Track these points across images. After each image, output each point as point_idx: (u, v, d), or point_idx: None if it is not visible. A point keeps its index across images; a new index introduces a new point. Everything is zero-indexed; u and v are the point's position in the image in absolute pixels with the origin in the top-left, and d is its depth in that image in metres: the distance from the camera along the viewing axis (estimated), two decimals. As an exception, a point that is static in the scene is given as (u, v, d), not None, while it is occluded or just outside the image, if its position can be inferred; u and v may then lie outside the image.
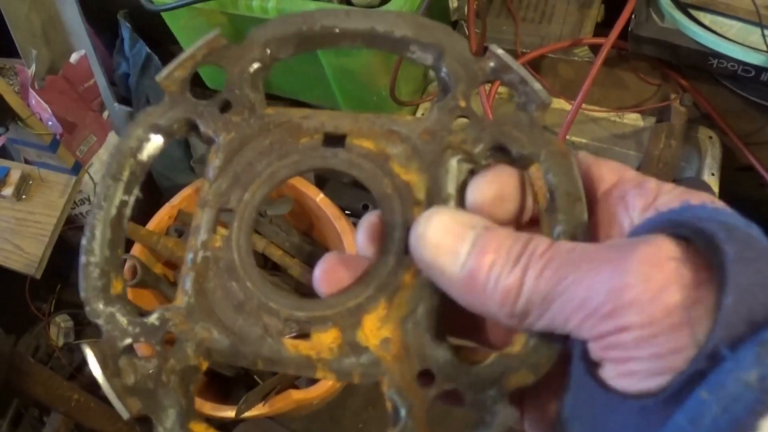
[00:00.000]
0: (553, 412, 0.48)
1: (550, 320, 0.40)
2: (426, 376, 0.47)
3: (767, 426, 0.31)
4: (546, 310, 0.40)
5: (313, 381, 1.60)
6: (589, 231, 0.47)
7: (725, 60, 1.53)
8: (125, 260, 1.67)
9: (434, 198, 0.50)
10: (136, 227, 1.72)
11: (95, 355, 0.48)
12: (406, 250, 0.49)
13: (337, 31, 0.53)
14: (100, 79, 2.05)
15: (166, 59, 1.94)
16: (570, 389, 0.43)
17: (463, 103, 0.52)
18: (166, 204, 1.80)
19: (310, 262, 1.79)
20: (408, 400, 0.47)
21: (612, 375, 0.38)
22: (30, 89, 1.84)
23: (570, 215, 0.47)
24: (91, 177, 1.95)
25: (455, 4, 1.63)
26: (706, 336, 0.35)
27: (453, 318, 0.49)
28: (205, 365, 0.51)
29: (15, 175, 1.84)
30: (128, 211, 0.53)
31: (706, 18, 1.57)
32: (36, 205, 1.84)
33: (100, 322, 0.50)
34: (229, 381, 1.80)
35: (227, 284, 0.51)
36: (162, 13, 1.66)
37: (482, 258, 0.42)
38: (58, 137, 1.81)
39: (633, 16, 1.61)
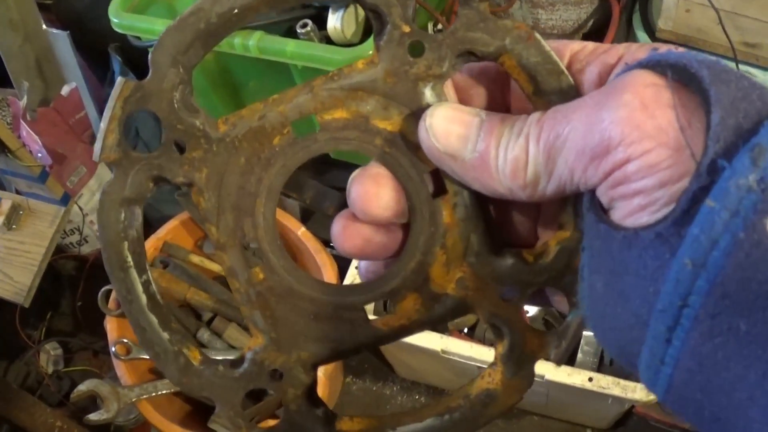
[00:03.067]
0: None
1: (558, 179, 0.42)
2: (508, 289, 0.50)
3: None
4: (552, 169, 0.42)
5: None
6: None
7: (701, 97, 1.55)
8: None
9: None
10: (121, 258, 1.73)
11: (224, 425, 0.51)
12: (432, 195, 0.50)
13: (236, 11, 0.49)
14: (91, 111, 2.08)
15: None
16: (585, 247, 0.44)
17: (407, 28, 0.49)
18: (152, 236, 1.83)
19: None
20: (504, 318, 0.51)
21: (623, 214, 0.39)
22: (21, 121, 1.87)
23: (559, 88, 0.47)
24: (80, 208, 1.97)
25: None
26: (702, 150, 0.36)
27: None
28: (317, 374, 0.53)
29: (5, 205, 1.86)
30: (153, 288, 0.52)
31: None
32: (26, 234, 1.87)
33: (206, 394, 0.51)
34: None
35: (294, 304, 0.51)
36: (149, 50, 1.68)
37: (490, 137, 0.45)
38: (47, 169, 1.84)
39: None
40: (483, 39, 0.48)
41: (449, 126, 0.46)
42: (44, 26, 2.06)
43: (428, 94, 0.49)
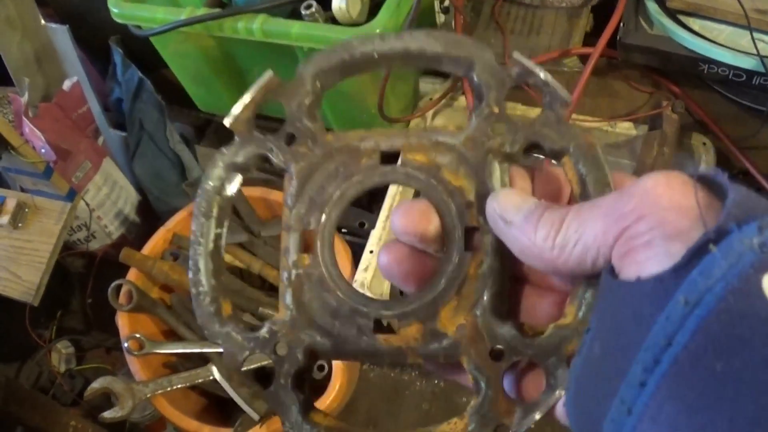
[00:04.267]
0: None
1: (583, 244, 0.48)
2: (497, 352, 0.56)
3: None
4: (581, 235, 0.48)
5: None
6: None
7: (716, 65, 1.52)
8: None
9: (483, 198, 0.57)
10: (130, 252, 1.72)
11: (220, 370, 0.59)
12: (466, 247, 0.58)
13: (376, 56, 0.60)
14: (93, 105, 2.05)
15: (158, 83, 1.94)
16: (591, 326, 0.49)
17: (496, 109, 0.59)
18: (161, 228, 1.80)
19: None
20: (485, 374, 0.57)
21: (631, 269, 0.44)
22: (23, 117, 1.84)
23: (602, 196, 0.53)
24: (86, 203, 1.95)
25: (442, 19, 1.63)
26: (714, 222, 0.40)
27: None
28: (313, 364, 0.61)
29: (11, 204, 1.84)
30: (223, 242, 0.61)
31: (695, 24, 1.56)
32: (32, 232, 1.84)
33: (219, 341, 0.59)
34: (228, 403, 1.79)
35: (321, 295, 0.59)
36: (151, 39, 1.66)
37: (537, 210, 0.52)
38: (51, 165, 1.81)
39: (621, 25, 1.61)
40: (552, 137, 0.57)
41: (511, 197, 0.55)
42: (43, 21, 2.03)
43: (494, 166, 0.58)
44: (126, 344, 1.65)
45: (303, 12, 1.47)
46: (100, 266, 2.08)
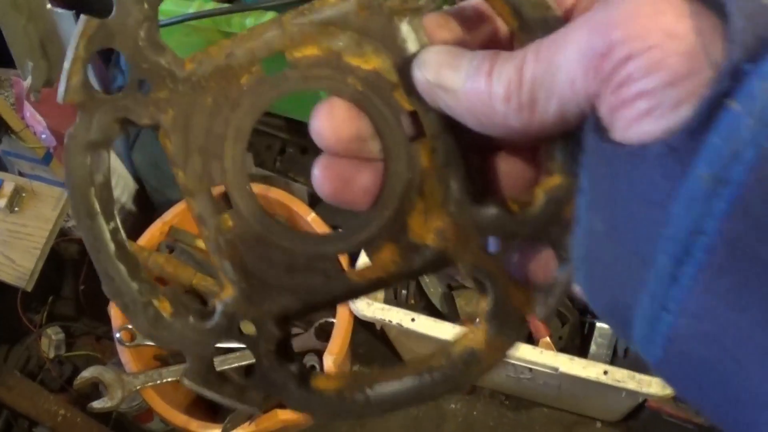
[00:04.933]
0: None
1: (559, 96, 0.37)
2: (491, 241, 0.47)
3: None
4: (552, 85, 0.37)
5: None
6: None
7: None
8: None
9: (406, 70, 0.46)
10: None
11: (193, 380, 0.49)
12: (410, 138, 0.47)
13: None
14: (94, 92, 2.05)
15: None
16: (583, 187, 0.39)
17: None
18: (158, 220, 1.80)
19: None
20: (487, 271, 0.48)
21: (626, 124, 0.34)
22: (25, 101, 1.84)
23: (545, 23, 0.44)
24: (84, 190, 1.95)
25: None
26: (722, 57, 0.32)
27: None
28: (291, 328, 0.51)
29: (8, 188, 1.83)
30: (123, 234, 0.49)
31: None
32: (28, 217, 1.84)
33: (176, 347, 0.50)
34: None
35: (265, 253, 0.49)
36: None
37: (483, 64, 0.41)
38: (51, 150, 1.81)
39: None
40: None
41: (442, 58, 0.43)
42: (48, 5, 2.03)
43: (404, 29, 0.47)
44: (118, 335, 1.65)
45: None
46: (95, 254, 2.08)
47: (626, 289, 0.36)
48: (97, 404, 1.59)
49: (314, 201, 1.89)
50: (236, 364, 1.66)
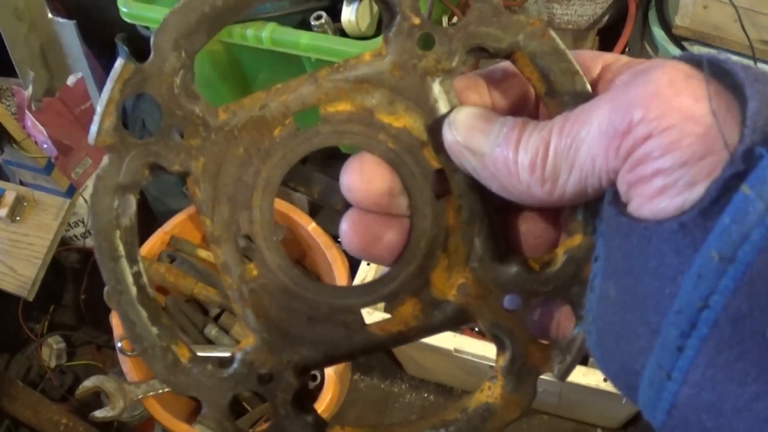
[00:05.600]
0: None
1: (579, 170, 0.39)
2: (512, 298, 0.48)
3: None
4: (574, 160, 0.39)
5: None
6: None
7: (719, 95, 1.53)
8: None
9: (437, 131, 0.47)
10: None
11: (210, 426, 0.50)
12: (437, 195, 0.48)
13: None
14: (97, 102, 2.05)
15: (162, 83, 1.94)
16: (599, 254, 0.41)
17: (417, 20, 0.47)
18: (159, 230, 1.81)
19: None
20: (506, 327, 0.48)
21: (642, 201, 0.36)
22: (26, 111, 1.84)
23: (573, 90, 0.45)
24: (85, 200, 1.95)
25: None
26: (737, 140, 0.33)
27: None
28: (308, 379, 0.52)
29: (10, 197, 1.84)
30: (145, 280, 0.49)
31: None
32: (30, 227, 1.84)
33: (193, 393, 0.49)
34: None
35: (288, 304, 0.49)
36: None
37: (512, 133, 0.42)
38: (52, 160, 1.82)
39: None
40: (495, 34, 0.46)
41: (473, 122, 0.45)
42: (50, 15, 2.04)
43: (436, 89, 0.47)
44: (119, 344, 1.65)
45: (312, 23, 1.47)
46: (96, 263, 2.08)
47: (634, 356, 0.37)
48: (98, 413, 1.59)
49: (314, 210, 1.89)
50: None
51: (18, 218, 1.84)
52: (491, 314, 0.49)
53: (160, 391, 1.61)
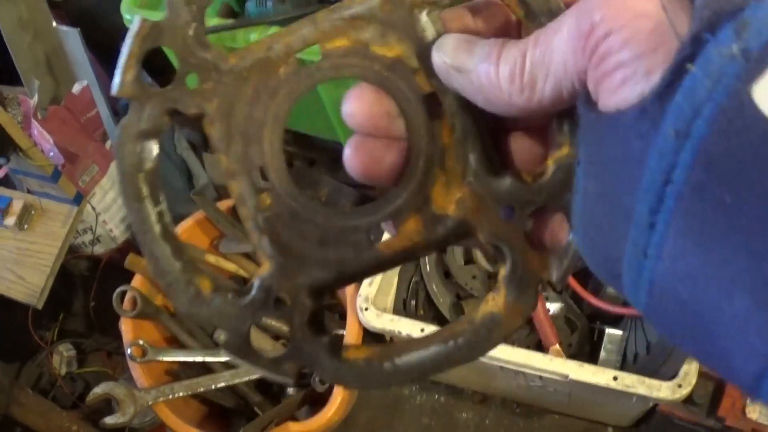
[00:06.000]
0: None
1: (554, 76, 0.42)
2: (508, 210, 0.51)
3: (760, 91, 0.33)
4: (549, 66, 0.42)
5: (313, 413, 1.59)
6: None
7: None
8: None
9: (427, 57, 0.51)
10: (136, 258, 1.72)
11: (231, 350, 0.52)
12: (431, 117, 0.52)
13: None
14: (102, 109, 2.06)
15: (168, 89, 1.94)
16: (580, 158, 0.44)
17: None
18: (167, 235, 1.81)
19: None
20: (504, 237, 0.52)
21: (609, 96, 0.39)
22: (32, 119, 1.84)
23: (548, 10, 0.48)
24: (93, 207, 1.95)
25: None
26: (686, 30, 0.36)
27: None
28: (323, 301, 0.55)
29: (17, 205, 1.85)
30: (168, 217, 0.53)
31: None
32: (38, 235, 1.85)
33: (214, 323, 0.53)
34: (229, 412, 1.80)
35: (300, 229, 0.53)
36: (162, 46, 1.66)
37: (493, 48, 0.46)
38: (59, 168, 1.82)
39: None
40: None
41: (458, 44, 0.49)
42: (54, 24, 2.04)
43: (423, 20, 0.51)
44: (129, 350, 1.65)
45: None
46: (105, 270, 2.09)
47: (614, 243, 0.39)
48: (109, 420, 1.59)
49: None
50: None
51: (26, 226, 1.85)
52: (489, 225, 0.52)
53: (170, 396, 1.61)
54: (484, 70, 0.46)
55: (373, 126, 0.52)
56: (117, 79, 0.51)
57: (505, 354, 1.45)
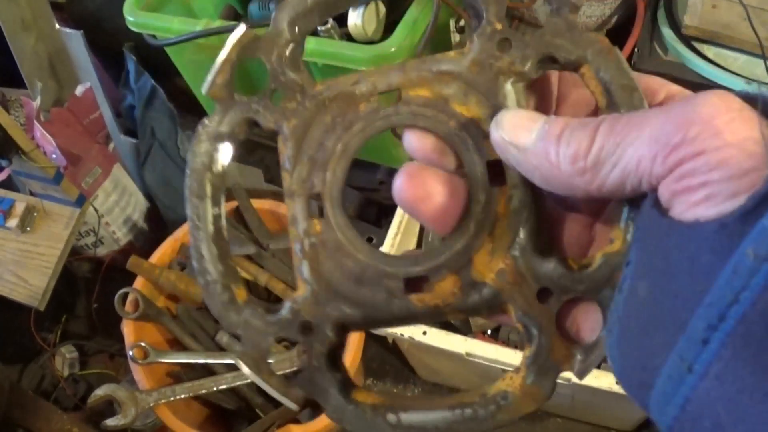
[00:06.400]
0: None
1: (622, 167, 0.42)
2: (545, 292, 0.51)
3: None
4: (620, 157, 0.42)
5: (315, 415, 1.59)
6: None
7: (728, 93, 1.52)
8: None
9: None
10: (138, 260, 1.72)
11: (246, 362, 0.53)
12: (491, 182, 0.52)
13: None
14: (105, 111, 2.05)
15: (171, 91, 1.94)
16: (631, 259, 0.44)
17: (499, 26, 0.53)
18: (169, 237, 1.81)
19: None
20: (535, 318, 0.51)
21: (685, 208, 0.39)
22: (35, 121, 1.84)
23: (631, 104, 0.48)
24: (95, 209, 1.95)
25: (457, 39, 1.63)
26: None
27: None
28: (345, 338, 0.56)
29: (20, 207, 1.84)
30: (223, 222, 0.55)
31: (709, 51, 1.56)
32: (40, 237, 1.85)
33: (238, 331, 0.54)
34: (231, 414, 1.79)
35: (341, 262, 0.53)
36: (166, 48, 1.66)
37: (554, 127, 0.46)
38: (61, 170, 1.82)
39: (636, 50, 1.61)
40: (566, 47, 0.51)
41: (518, 120, 0.48)
42: (57, 26, 2.04)
43: (507, 88, 0.52)
44: (131, 353, 1.65)
45: (319, 28, 1.47)
46: (107, 272, 2.09)
47: (655, 352, 0.39)
48: (110, 422, 1.59)
49: (324, 216, 1.89)
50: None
51: (28, 228, 1.85)
52: (524, 303, 0.52)
53: (172, 398, 1.61)
54: (543, 148, 0.46)
55: (429, 152, 0.53)
56: (209, 79, 0.54)
57: (508, 357, 1.45)
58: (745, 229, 0.35)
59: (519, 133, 0.47)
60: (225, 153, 0.55)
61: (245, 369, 0.54)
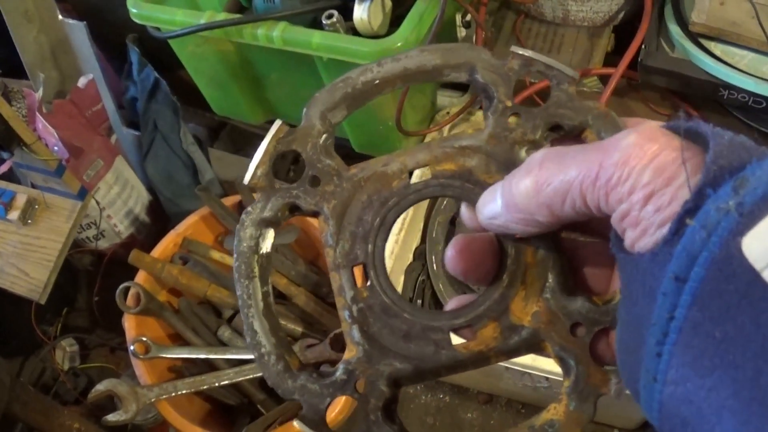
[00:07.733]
0: None
1: (554, 187, 0.48)
2: (577, 327, 0.57)
3: (748, 242, 0.38)
4: (555, 177, 0.48)
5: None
6: None
7: (736, 91, 1.51)
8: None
9: None
10: (140, 254, 1.71)
11: (307, 424, 0.58)
12: (520, 238, 0.58)
13: (377, 82, 0.62)
14: (108, 103, 2.04)
15: (174, 84, 1.93)
16: (620, 278, 0.50)
17: (509, 103, 0.60)
18: (171, 231, 1.80)
19: (316, 291, 1.78)
20: (572, 351, 0.57)
21: (630, 243, 0.45)
22: (37, 113, 1.83)
23: None
24: (97, 202, 1.94)
25: (463, 34, 1.62)
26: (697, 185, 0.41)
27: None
28: (399, 393, 0.61)
29: (21, 200, 1.83)
30: (272, 299, 0.61)
31: (717, 48, 1.55)
32: (41, 230, 1.83)
33: (296, 397, 0.59)
34: (233, 410, 1.78)
35: (389, 322, 0.59)
36: (169, 40, 1.65)
37: (505, 185, 0.53)
38: (63, 162, 1.80)
39: (643, 47, 1.60)
40: (569, 115, 0.58)
41: (484, 198, 0.56)
42: (60, 16, 2.02)
43: (522, 156, 0.59)
44: (132, 347, 1.64)
45: (324, 22, 1.46)
46: (108, 265, 2.08)
47: (635, 366, 0.45)
48: (111, 417, 1.58)
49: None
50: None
51: (29, 221, 1.83)
52: (560, 339, 0.57)
53: (173, 394, 1.60)
54: (506, 205, 0.53)
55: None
56: (250, 171, 0.60)
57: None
58: (671, 252, 0.41)
59: (489, 206, 0.55)
60: (269, 237, 0.61)
61: (306, 429, 0.58)
